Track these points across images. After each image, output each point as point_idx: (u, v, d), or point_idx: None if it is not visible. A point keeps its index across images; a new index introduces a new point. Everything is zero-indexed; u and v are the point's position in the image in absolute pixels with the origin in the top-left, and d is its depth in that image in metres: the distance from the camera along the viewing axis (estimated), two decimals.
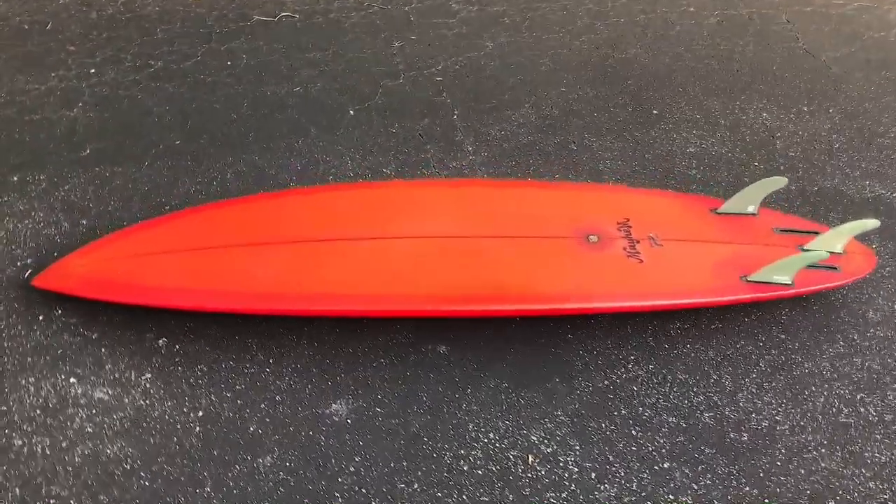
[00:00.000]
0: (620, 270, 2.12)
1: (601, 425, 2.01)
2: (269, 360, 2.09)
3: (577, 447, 1.96)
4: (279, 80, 3.19)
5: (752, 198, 2.36)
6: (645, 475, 1.90)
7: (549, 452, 1.94)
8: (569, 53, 3.50)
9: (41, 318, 2.16)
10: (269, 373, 2.07)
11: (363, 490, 1.84)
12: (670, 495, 1.87)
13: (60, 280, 2.14)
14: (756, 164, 2.88)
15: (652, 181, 2.77)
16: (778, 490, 1.88)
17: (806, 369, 2.17)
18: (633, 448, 1.96)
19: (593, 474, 1.90)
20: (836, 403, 2.09)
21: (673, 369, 2.14)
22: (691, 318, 2.27)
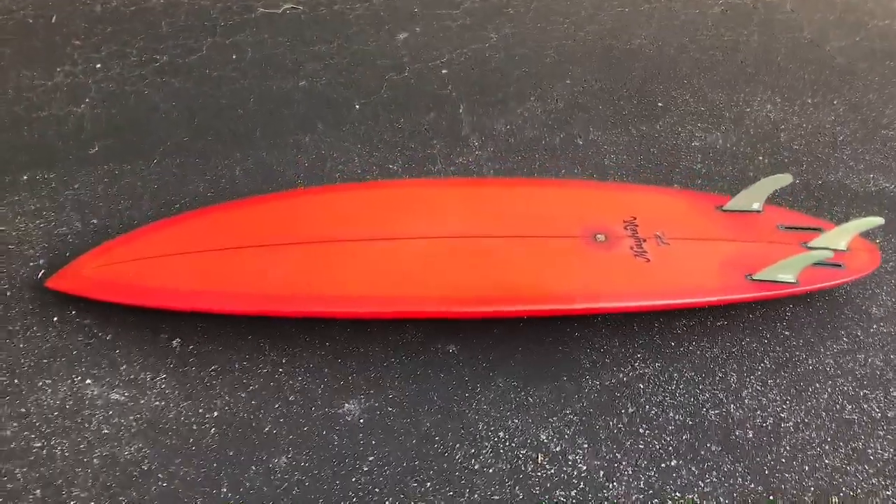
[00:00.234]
0: (628, 270, 2.14)
1: (609, 423, 2.04)
2: (281, 360, 2.12)
3: (586, 445, 1.99)
4: (284, 74, 3.19)
5: (757, 195, 2.38)
6: (652, 473, 1.94)
7: (557, 451, 1.98)
8: (573, 44, 3.50)
9: (56, 319, 2.19)
10: (282, 373, 2.10)
11: (377, 489, 1.88)
12: (677, 493, 1.91)
13: (73, 282, 2.16)
14: (760, 158, 2.90)
15: (657, 176, 2.79)
16: (782, 487, 1.92)
17: (810, 366, 2.20)
18: (641, 446, 2.00)
19: (601, 472, 1.94)
20: (840, 400, 2.12)
21: (679, 367, 2.17)
22: (697, 316, 2.30)
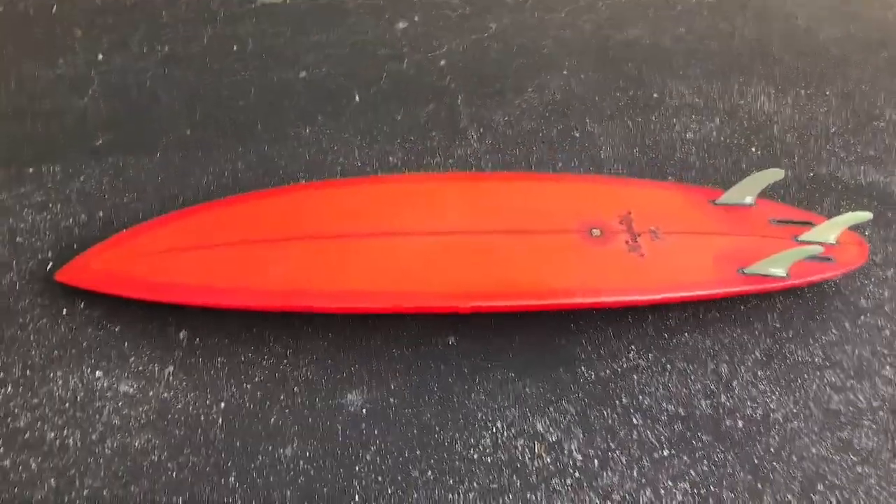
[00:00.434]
0: (622, 265, 2.20)
1: (603, 413, 2.11)
2: (286, 353, 2.18)
3: (581, 435, 2.06)
4: (285, 65, 3.22)
5: (749, 189, 2.43)
6: (645, 462, 2.01)
7: (553, 440, 2.05)
8: (571, 34, 3.52)
9: (65, 311, 2.24)
10: (286, 364, 2.16)
11: (379, 478, 1.95)
12: (669, 481, 1.98)
13: (81, 276, 2.21)
14: (753, 150, 2.95)
15: (652, 169, 2.84)
16: (771, 476, 2.00)
17: (799, 357, 2.26)
18: (634, 436, 2.07)
19: (596, 461, 2.01)
20: (828, 391, 2.19)
21: (672, 358, 2.24)
22: (689, 308, 2.36)
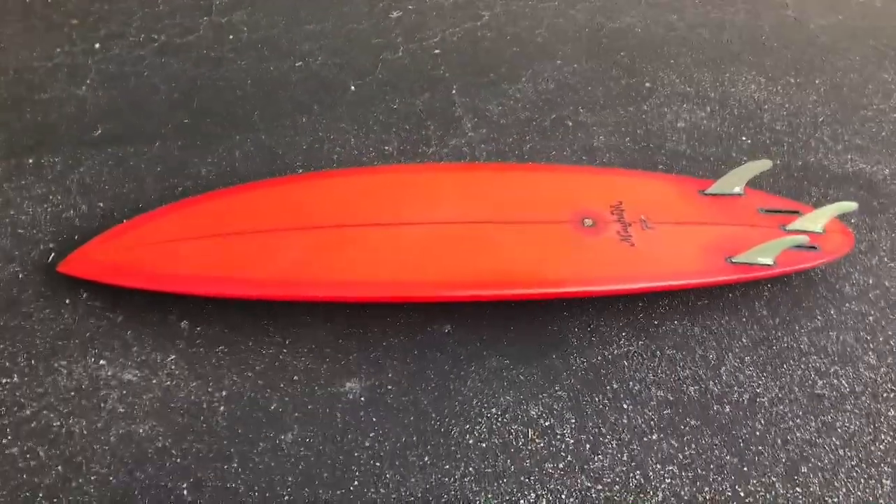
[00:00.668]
0: (614, 254, 2.25)
1: (595, 399, 2.17)
2: (286, 342, 2.23)
3: (573, 420, 2.12)
4: (280, 55, 3.25)
5: (738, 179, 2.49)
6: (635, 446, 2.08)
7: (547, 426, 2.11)
8: (564, 23, 3.56)
9: (67, 301, 2.28)
10: (286, 353, 2.21)
11: (377, 463, 2.01)
12: (658, 465, 2.04)
13: (83, 266, 2.25)
14: (743, 139, 3.00)
15: (644, 158, 2.88)
16: (756, 459, 2.06)
17: (785, 343, 2.33)
18: (625, 421, 2.13)
19: (588, 446, 2.08)
20: (812, 376, 2.26)
21: (661, 345, 2.30)
22: (678, 296, 2.42)
